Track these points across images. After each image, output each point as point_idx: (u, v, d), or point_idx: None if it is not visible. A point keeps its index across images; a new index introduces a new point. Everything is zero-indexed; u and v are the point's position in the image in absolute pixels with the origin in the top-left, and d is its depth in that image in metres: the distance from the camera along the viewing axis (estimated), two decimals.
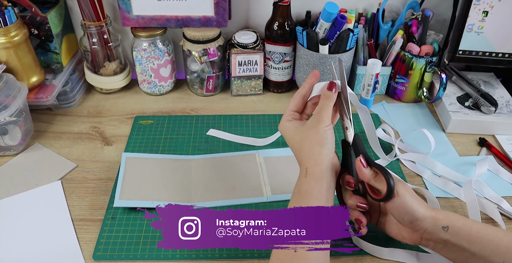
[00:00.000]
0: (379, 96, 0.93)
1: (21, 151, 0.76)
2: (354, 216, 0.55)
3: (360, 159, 0.53)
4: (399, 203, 0.50)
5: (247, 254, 0.58)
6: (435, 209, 0.52)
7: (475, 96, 0.83)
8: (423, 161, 0.74)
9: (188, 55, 0.87)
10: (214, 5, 0.82)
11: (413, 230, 0.52)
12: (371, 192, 0.53)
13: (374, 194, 0.53)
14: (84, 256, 0.58)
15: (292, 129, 0.56)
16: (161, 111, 0.87)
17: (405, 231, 0.54)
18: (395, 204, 0.51)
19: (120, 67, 0.90)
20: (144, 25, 0.85)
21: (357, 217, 0.54)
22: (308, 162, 0.52)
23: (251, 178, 0.70)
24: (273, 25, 0.84)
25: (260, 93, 0.93)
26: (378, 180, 0.52)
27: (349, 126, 0.55)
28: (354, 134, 0.55)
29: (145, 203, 0.64)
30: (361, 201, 0.54)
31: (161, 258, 0.58)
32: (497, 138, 0.80)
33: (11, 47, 0.75)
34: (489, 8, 0.79)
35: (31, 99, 0.79)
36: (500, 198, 0.66)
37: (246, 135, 0.80)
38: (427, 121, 0.86)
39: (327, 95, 0.55)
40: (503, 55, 0.84)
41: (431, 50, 0.84)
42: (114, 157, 0.75)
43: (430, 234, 0.51)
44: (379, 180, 0.52)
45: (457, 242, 0.50)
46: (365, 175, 0.52)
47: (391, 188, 0.50)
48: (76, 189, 0.69)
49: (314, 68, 0.84)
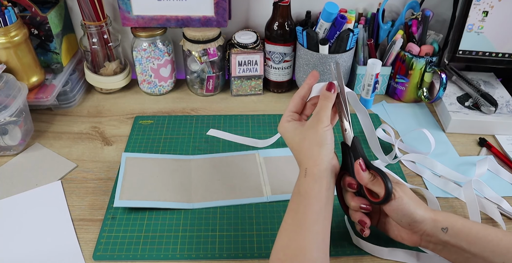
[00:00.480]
0: (379, 96, 0.93)
1: (21, 151, 0.76)
2: (357, 218, 0.55)
3: (360, 163, 0.53)
4: (396, 206, 0.50)
5: (247, 254, 0.58)
6: (434, 210, 0.52)
7: (475, 96, 0.83)
8: (423, 161, 0.74)
9: (188, 55, 0.87)
10: (214, 5, 0.82)
11: (412, 232, 0.52)
12: (369, 195, 0.53)
13: (372, 197, 0.53)
14: (84, 256, 0.58)
15: (292, 129, 0.56)
16: (161, 111, 0.87)
17: (405, 232, 0.54)
18: (392, 207, 0.51)
19: (120, 67, 0.90)
20: (144, 25, 0.85)
21: (360, 218, 0.54)
22: (308, 162, 0.52)
23: (251, 178, 0.70)
24: (273, 25, 0.84)
25: (260, 93, 0.93)
26: (375, 183, 0.52)
27: (348, 128, 0.55)
28: (353, 136, 0.55)
29: (145, 203, 0.64)
30: (364, 203, 0.54)
31: (161, 258, 0.58)
32: (497, 138, 0.80)
33: (11, 47, 0.75)
34: (489, 8, 0.79)
35: (31, 99, 0.79)
36: (500, 198, 0.66)
37: (246, 135, 0.80)
38: (427, 121, 0.86)
39: (326, 96, 0.55)
40: (503, 55, 0.84)
41: (431, 50, 0.84)
42: (114, 157, 0.75)
43: (430, 236, 0.51)
44: (376, 183, 0.52)
45: (456, 243, 0.50)
46: (363, 178, 0.52)
47: (389, 191, 0.50)
48: (76, 189, 0.69)
49: (314, 68, 0.84)
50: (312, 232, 0.48)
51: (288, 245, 0.48)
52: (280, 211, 0.65)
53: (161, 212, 0.64)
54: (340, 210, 0.64)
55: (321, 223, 0.49)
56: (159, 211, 0.64)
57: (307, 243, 0.48)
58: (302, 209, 0.50)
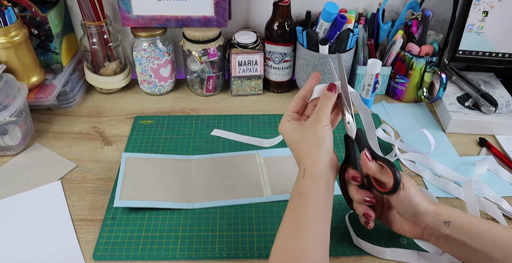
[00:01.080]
0: (379, 96, 0.93)
1: (21, 151, 0.76)
2: (361, 211, 0.55)
3: (365, 153, 0.53)
4: (404, 196, 0.51)
5: (247, 254, 0.58)
6: (437, 204, 0.52)
7: (475, 96, 0.83)
8: (423, 161, 0.74)
9: (188, 55, 0.87)
10: (214, 5, 0.82)
11: (415, 224, 0.53)
12: (377, 185, 0.53)
13: (380, 187, 0.53)
14: (84, 256, 0.58)
15: (291, 129, 0.56)
16: (161, 111, 0.87)
17: (407, 225, 0.54)
18: (400, 197, 0.51)
19: (120, 67, 0.90)
20: (144, 25, 0.85)
21: (365, 211, 0.54)
22: (306, 162, 0.52)
23: (251, 178, 0.70)
24: (273, 25, 0.84)
25: (260, 93, 0.93)
26: (383, 173, 0.52)
27: (351, 121, 0.55)
28: (356, 128, 0.55)
29: (145, 203, 0.64)
30: (368, 195, 0.54)
31: (161, 258, 0.58)
32: (497, 138, 0.80)
33: (11, 47, 0.75)
34: (489, 8, 0.79)
35: (31, 99, 0.79)
36: (500, 198, 0.66)
37: (246, 135, 0.80)
38: (427, 121, 0.86)
39: (326, 95, 0.55)
40: (503, 55, 0.84)
41: (431, 50, 0.84)
42: (114, 157, 0.75)
43: (432, 229, 0.51)
44: (384, 173, 0.52)
45: (458, 237, 0.50)
46: (370, 168, 0.52)
47: (398, 181, 0.50)
48: (76, 189, 0.69)
49: (314, 68, 0.84)
50: (311, 233, 0.48)
51: (287, 246, 0.48)
52: (280, 211, 0.65)
53: (161, 212, 0.64)
54: (340, 210, 0.64)
55: (320, 223, 0.49)
56: (159, 211, 0.64)
57: (306, 243, 0.48)
58: (301, 209, 0.50)
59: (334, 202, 0.54)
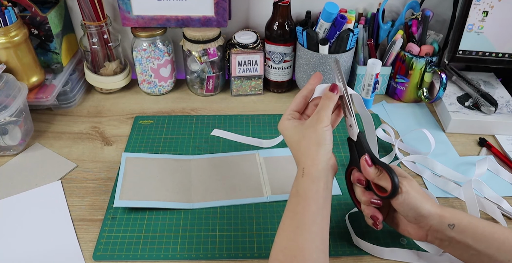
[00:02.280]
0: (379, 96, 0.93)
1: (21, 151, 0.76)
2: (369, 213, 0.55)
3: (365, 158, 0.53)
4: (403, 199, 0.50)
5: (247, 254, 0.58)
6: (442, 206, 0.52)
7: (475, 96, 0.83)
8: (423, 161, 0.74)
9: (188, 55, 0.87)
10: (214, 5, 0.82)
11: (419, 227, 0.53)
12: (377, 190, 0.53)
13: (379, 192, 0.53)
14: (84, 256, 0.58)
15: (291, 127, 0.56)
16: (161, 111, 0.87)
17: (411, 227, 0.54)
18: (399, 201, 0.51)
19: (120, 67, 0.90)
20: (144, 25, 0.85)
21: (372, 213, 0.54)
22: (305, 162, 0.52)
23: (251, 178, 0.70)
24: (273, 25, 0.84)
25: (260, 93, 0.93)
26: (382, 178, 0.52)
27: (353, 124, 0.56)
28: (358, 131, 0.55)
29: (145, 203, 0.64)
30: (374, 197, 0.54)
31: (161, 258, 0.58)
32: (497, 138, 0.80)
33: (11, 47, 0.75)
34: (489, 8, 0.79)
35: (31, 99, 0.79)
36: (500, 198, 0.66)
37: (246, 135, 0.80)
38: (427, 121, 0.86)
39: (328, 96, 0.55)
40: (503, 55, 0.84)
41: (431, 50, 0.84)
42: (114, 157, 0.75)
43: (436, 231, 0.51)
44: (383, 178, 0.52)
45: (462, 240, 0.50)
46: (369, 173, 0.53)
47: (396, 186, 0.50)
48: (76, 189, 0.69)
49: (314, 68, 0.84)
50: (311, 233, 0.48)
51: (287, 246, 0.48)
52: (280, 211, 0.65)
53: (161, 212, 0.64)
54: (340, 210, 0.64)
55: (319, 223, 0.49)
56: (159, 211, 0.64)
57: (306, 243, 0.48)
58: (300, 210, 0.50)
59: (334, 202, 0.54)
